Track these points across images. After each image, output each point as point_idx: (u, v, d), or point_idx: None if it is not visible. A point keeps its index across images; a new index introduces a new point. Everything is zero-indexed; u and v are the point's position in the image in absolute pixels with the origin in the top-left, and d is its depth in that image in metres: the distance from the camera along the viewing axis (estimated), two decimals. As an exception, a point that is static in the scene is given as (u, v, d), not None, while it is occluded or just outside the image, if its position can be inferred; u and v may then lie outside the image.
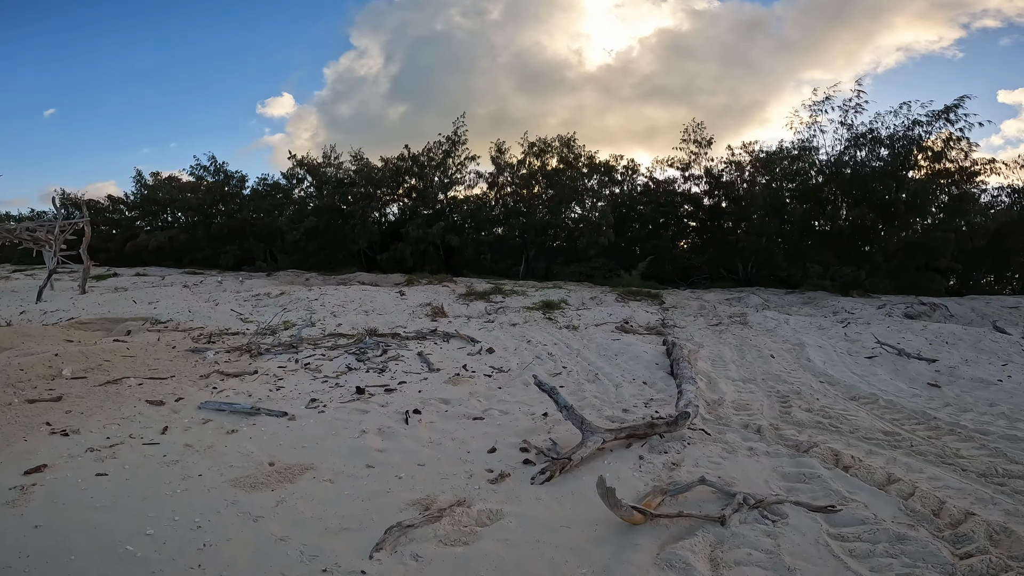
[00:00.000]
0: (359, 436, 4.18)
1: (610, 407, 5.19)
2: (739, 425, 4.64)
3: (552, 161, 20.26)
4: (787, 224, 15.98)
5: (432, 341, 7.46)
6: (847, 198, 14.21)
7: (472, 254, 21.31)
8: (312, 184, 26.29)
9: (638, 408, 5.17)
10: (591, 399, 5.40)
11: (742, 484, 3.46)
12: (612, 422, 4.70)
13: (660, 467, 3.77)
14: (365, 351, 6.70)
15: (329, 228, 22.20)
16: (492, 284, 13.76)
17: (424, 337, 7.66)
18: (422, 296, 11.41)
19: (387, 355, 6.59)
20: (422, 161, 22.16)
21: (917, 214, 13.16)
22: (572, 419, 4.00)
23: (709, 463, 3.83)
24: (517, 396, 5.35)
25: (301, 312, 9.80)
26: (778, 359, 7.32)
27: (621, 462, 3.84)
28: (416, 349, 7.04)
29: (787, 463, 3.77)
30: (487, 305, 10.73)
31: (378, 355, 6.58)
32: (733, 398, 5.59)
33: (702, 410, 5.05)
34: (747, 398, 5.60)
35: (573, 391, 5.63)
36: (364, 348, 6.81)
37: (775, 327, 9.10)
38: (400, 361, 6.43)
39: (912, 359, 7.70)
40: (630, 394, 5.62)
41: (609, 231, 18.41)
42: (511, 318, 9.36)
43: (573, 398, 5.21)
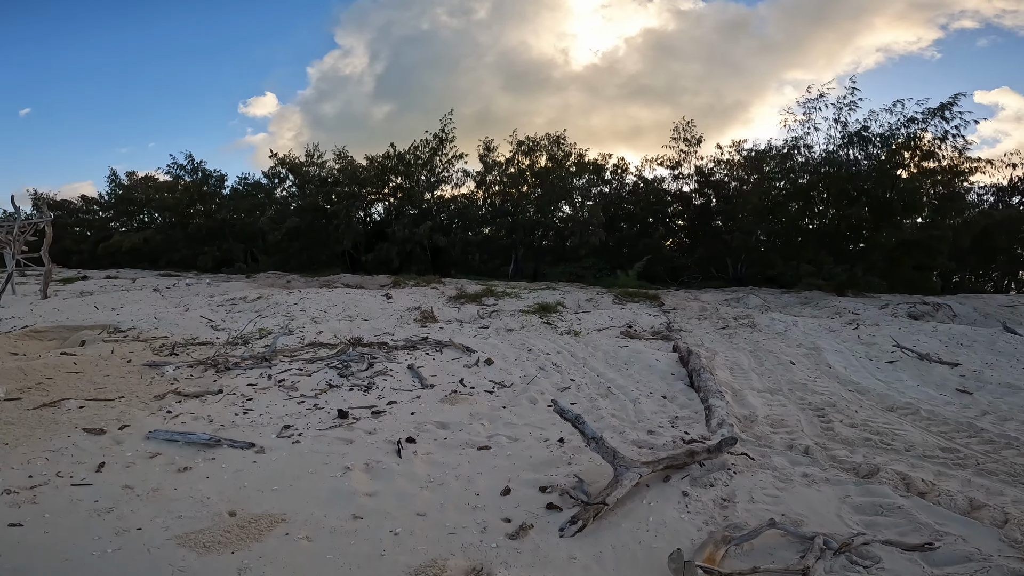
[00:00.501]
0: (342, 475, 3.40)
1: (632, 428, 4.49)
2: (782, 446, 4.04)
3: (541, 159, 19.56)
4: (780, 223, 15.51)
5: (424, 351, 6.67)
6: (843, 196, 13.75)
7: (460, 254, 20.51)
8: (294, 183, 25.26)
9: (664, 429, 4.48)
10: (608, 418, 4.69)
11: (812, 522, 2.90)
12: (640, 448, 4.00)
13: (711, 505, 3.12)
14: (348, 365, 5.89)
15: (312, 228, 21.21)
16: (483, 285, 12.98)
17: (415, 346, 6.87)
18: (410, 299, 10.60)
19: (373, 369, 5.79)
20: (408, 159, 21.29)
21: (911, 212, 12.75)
22: (602, 452, 3.29)
23: (765, 496, 3.22)
24: (525, 417, 4.61)
25: (278, 318, 8.93)
26: (799, 366, 6.71)
27: (663, 501, 3.15)
28: (406, 361, 6.25)
29: (854, 491, 3.25)
30: (479, 308, 9.96)
31: (363, 369, 5.78)
32: (765, 413, 4.96)
33: (736, 428, 4.38)
34: (780, 412, 4.99)
35: (587, 409, 4.91)
36: (347, 361, 6.00)
37: (785, 330, 8.50)
38: (389, 376, 5.64)
39: (934, 363, 7.19)
40: (651, 411, 4.93)
41: (599, 230, 17.77)
42: (507, 323, 8.61)
43: (588, 418, 4.48)
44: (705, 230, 19.57)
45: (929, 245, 12.65)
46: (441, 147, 21.13)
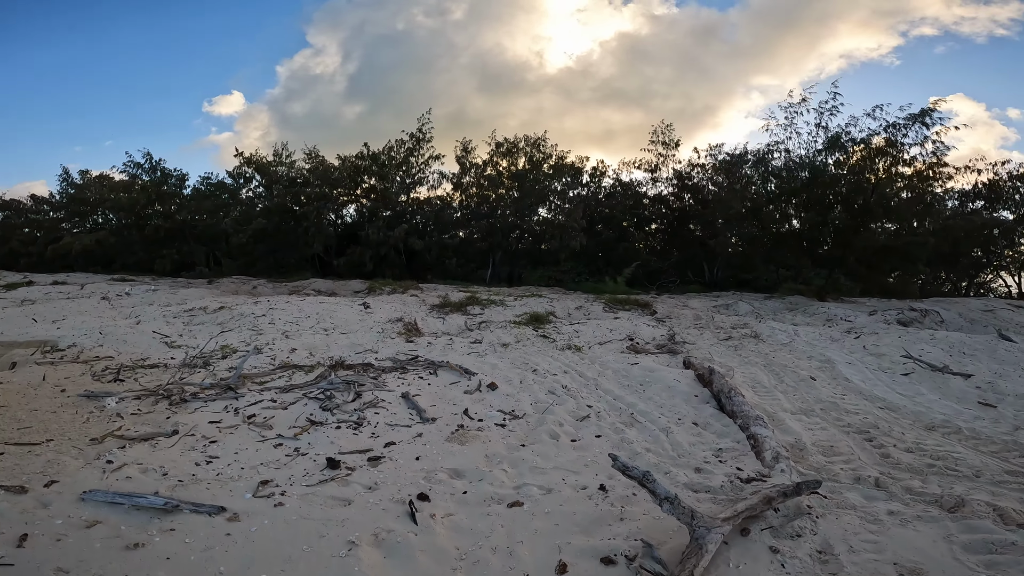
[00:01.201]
0: (347, 553, 2.61)
1: (674, 465, 3.84)
2: (848, 479, 3.64)
3: (520, 161, 18.85)
4: (759, 227, 15.26)
5: (416, 374, 5.83)
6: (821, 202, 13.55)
7: (435, 258, 19.58)
8: (261, 184, 23.82)
9: (712, 465, 3.84)
10: (644, 454, 4.02)
11: (932, 570, 2.54)
12: (695, 492, 3.37)
13: (809, 561, 2.66)
14: (332, 394, 5.01)
15: (280, 230, 19.90)
16: (466, 292, 12.17)
17: (405, 368, 6.03)
18: (389, 309, 9.70)
19: (362, 400, 4.94)
20: (383, 160, 20.22)
21: (890, 219, 12.63)
22: (679, 514, 2.61)
23: (864, 544, 2.75)
24: (551, 458, 3.88)
25: (245, 333, 7.91)
26: (820, 381, 6.22)
27: (752, 562, 2.61)
28: (399, 388, 5.41)
29: (954, 528, 2.93)
30: (466, 319, 9.16)
31: (349, 401, 4.91)
32: (811, 439, 4.48)
33: (792, 462, 3.80)
34: (825, 438, 4.54)
35: (616, 443, 4.23)
36: (330, 390, 5.11)
37: (789, 341, 8.03)
38: (381, 408, 4.80)
39: (947, 374, 6.84)
40: (688, 443, 4.28)
41: (580, 234, 17.19)
42: (499, 336, 7.84)
43: (621, 453, 3.79)
44: (683, 234, 19.29)
45: (908, 251, 12.55)
46: (418, 147, 20.16)
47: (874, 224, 13.32)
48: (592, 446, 4.19)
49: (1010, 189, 17.19)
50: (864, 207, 12.92)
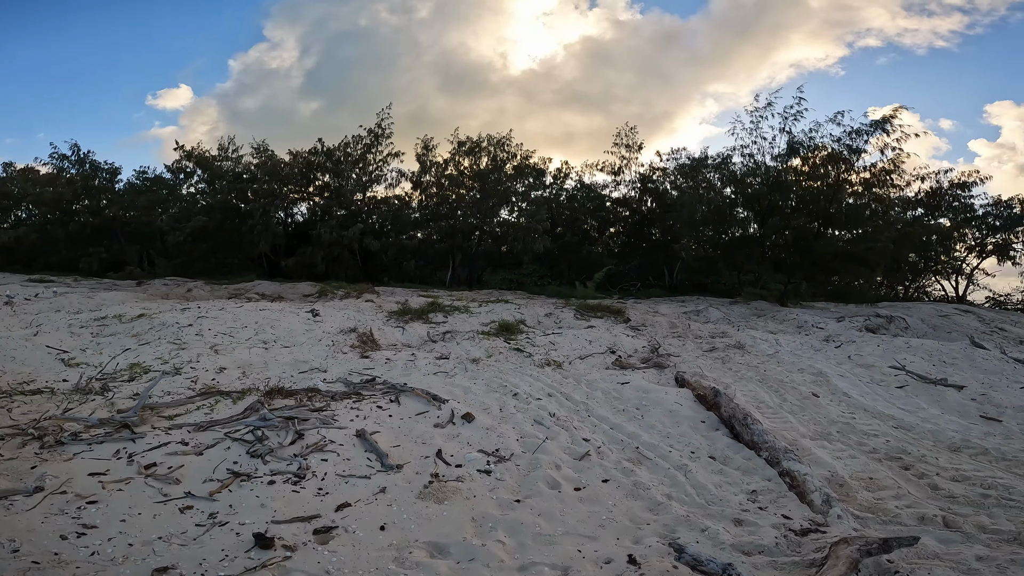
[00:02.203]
0: None
1: (706, 515, 3.06)
2: (911, 518, 3.18)
3: (483, 161, 17.83)
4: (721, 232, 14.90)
5: (373, 402, 4.72)
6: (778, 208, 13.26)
7: (393, 260, 18.27)
8: (203, 179, 21.74)
9: (752, 514, 3.07)
10: (664, 501, 3.20)
11: None
12: (747, 555, 2.68)
13: None
14: (264, 434, 3.83)
15: (222, 229, 18.05)
16: (426, 296, 11.05)
17: (359, 394, 4.90)
18: (342, 316, 8.47)
19: (304, 442, 3.79)
20: (338, 156, 18.68)
21: (852, 225, 12.45)
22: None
23: None
24: (557, 518, 2.95)
25: (164, 347, 6.53)
26: (823, 399, 5.58)
27: None
28: (352, 422, 4.29)
29: None
30: (429, 328, 8.06)
31: (288, 442, 3.75)
32: (845, 470, 3.96)
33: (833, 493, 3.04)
34: (858, 468, 4.03)
35: (629, 490, 3.38)
36: (263, 427, 3.94)
37: (774, 352, 7.40)
38: (330, 451, 3.69)
39: (939, 386, 6.39)
40: (713, 483, 3.48)
41: (544, 236, 16.35)
42: (467, 349, 6.81)
43: (637, 504, 2.89)
44: (644, 237, 18.83)
45: (867, 258, 12.40)
46: (376, 143, 18.74)
47: (834, 231, 13.12)
48: (603, 496, 3.28)
49: (950, 197, 17.66)
50: (825, 213, 12.69)
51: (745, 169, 13.97)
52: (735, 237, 14.57)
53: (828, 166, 12.70)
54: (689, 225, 15.04)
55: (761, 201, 13.27)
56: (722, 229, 15.00)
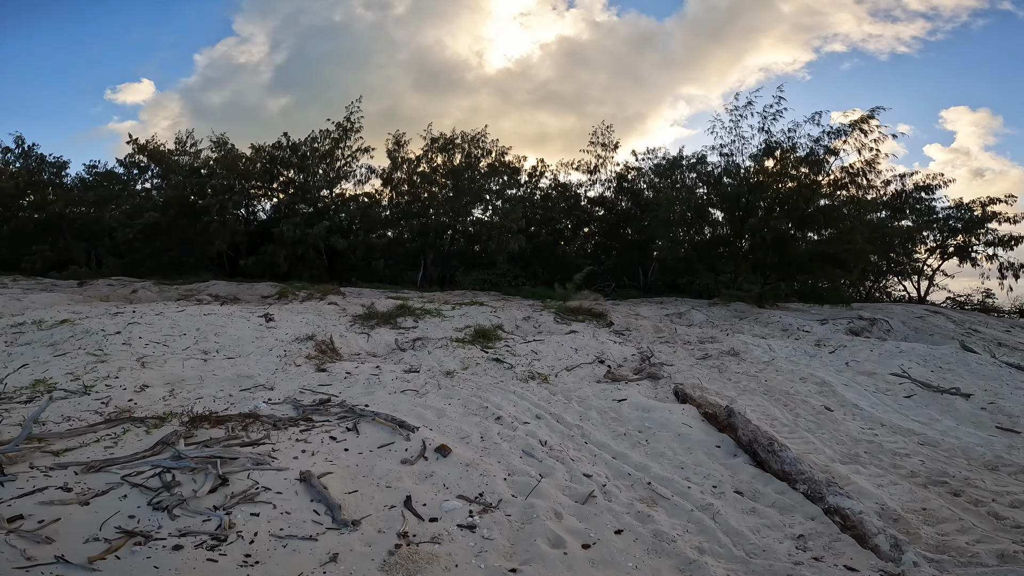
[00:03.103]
0: None
1: (747, 571, 2.44)
2: (991, 558, 2.65)
3: (457, 158, 16.88)
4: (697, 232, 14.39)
5: (326, 430, 3.77)
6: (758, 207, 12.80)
7: (361, 259, 17.13)
8: (157, 175, 20.10)
9: (805, 567, 2.70)
10: (696, 557, 2.41)
11: None
12: None
13: None
14: (174, 477, 2.86)
15: (176, 226, 16.57)
16: (395, 298, 10.07)
17: (309, 419, 3.95)
18: (300, 321, 7.43)
19: (230, 488, 2.82)
20: (304, 151, 17.40)
21: (830, 225, 12.07)
22: None
23: None
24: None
25: (81, 358, 5.41)
26: (838, 414, 4.95)
27: None
28: (297, 460, 3.35)
29: None
30: (397, 335, 7.12)
31: (205, 490, 2.79)
32: (894, 501, 3.43)
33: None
34: (906, 497, 3.38)
35: (650, 545, 2.60)
36: (175, 468, 2.97)
37: (771, 360, 6.76)
38: (263, 502, 2.75)
39: (947, 395, 5.88)
40: (749, 527, 2.79)
41: (519, 236, 15.53)
42: (440, 360, 5.90)
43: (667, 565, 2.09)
44: (619, 237, 18.23)
45: (845, 259, 12.05)
46: (345, 137, 17.52)
47: (811, 232, 12.73)
48: (619, 555, 2.50)
49: (913, 200, 17.64)
50: (802, 214, 12.29)
51: (722, 169, 13.50)
52: (712, 237, 14.07)
53: (805, 166, 12.32)
54: (665, 225, 14.48)
55: (738, 201, 12.78)
56: (698, 229, 14.51)
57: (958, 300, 18.66)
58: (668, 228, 14.47)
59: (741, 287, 14.07)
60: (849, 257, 11.91)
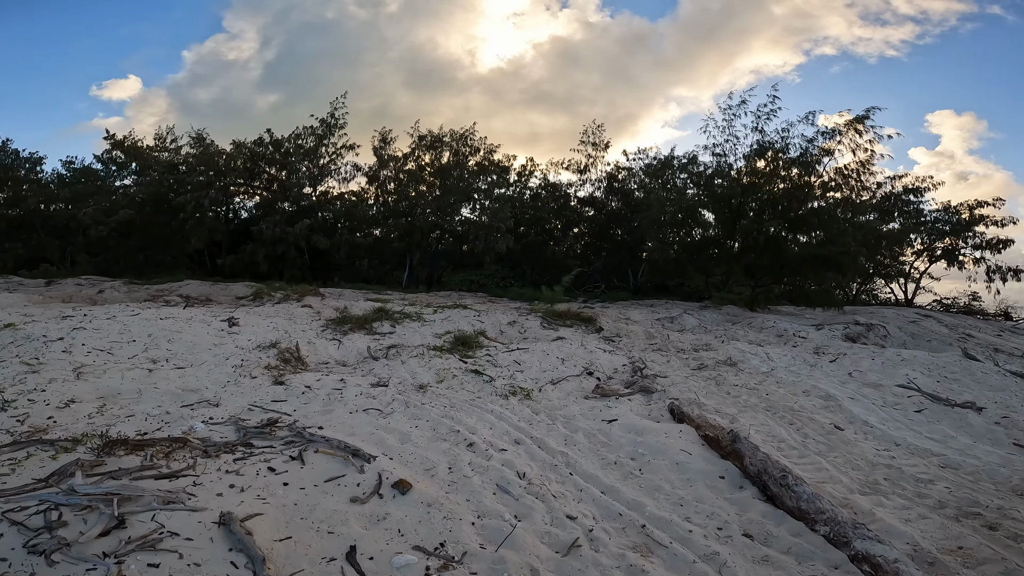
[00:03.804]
0: None
1: None
2: None
3: (445, 156, 16.26)
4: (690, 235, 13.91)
5: (265, 459, 3.17)
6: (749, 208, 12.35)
7: (346, 258, 16.45)
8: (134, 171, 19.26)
9: None
10: None
11: None
12: None
13: None
14: (60, 516, 2.25)
15: (151, 223, 15.78)
16: (375, 301, 9.45)
17: (249, 445, 3.34)
18: (267, 326, 6.80)
19: (127, 531, 2.21)
20: (287, 148, 16.65)
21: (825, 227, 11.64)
22: None
23: None
24: None
25: (12, 368, 4.75)
26: (849, 432, 4.44)
27: None
28: (219, 499, 2.75)
29: None
30: (371, 341, 6.52)
31: (95, 532, 2.17)
32: (927, 540, 2.87)
33: None
34: (938, 535, 2.92)
35: None
36: (62, 504, 2.35)
37: (770, 370, 6.25)
38: (166, 550, 2.15)
39: (958, 408, 5.42)
40: None
41: (507, 236, 14.95)
42: (414, 371, 5.31)
43: None
44: (609, 238, 17.71)
45: (838, 262, 11.62)
46: (329, 134, 16.79)
47: (804, 234, 12.29)
48: None
49: (902, 202, 17.33)
50: (796, 216, 11.84)
51: (714, 169, 13.02)
52: (704, 239, 13.59)
53: (797, 167, 11.88)
54: (656, 225, 13.97)
55: (730, 202, 12.30)
56: (688, 231, 14.03)
57: (944, 303, 18.42)
58: (659, 229, 13.97)
59: (732, 289, 13.63)
60: (843, 260, 11.49)
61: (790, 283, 12.97)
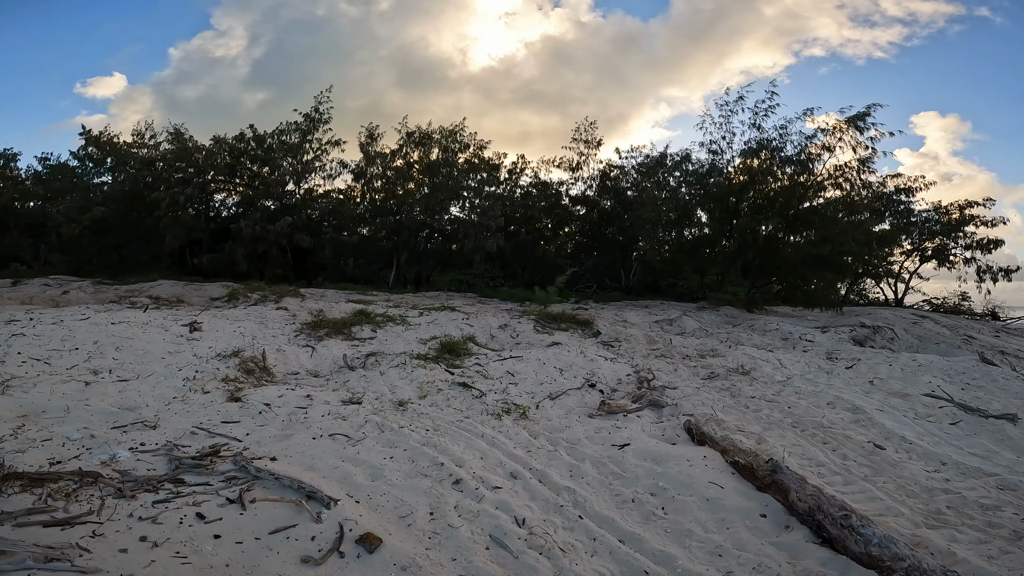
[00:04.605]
0: None
1: None
2: None
3: (433, 153, 15.55)
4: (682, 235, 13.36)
5: (193, 502, 2.47)
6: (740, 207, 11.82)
7: (331, 257, 15.66)
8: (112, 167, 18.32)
9: None
10: None
11: None
12: None
13: None
14: None
15: (126, 221, 14.87)
16: (359, 302, 8.73)
17: (180, 481, 2.64)
18: (233, 332, 6.05)
19: None
20: (270, 144, 15.81)
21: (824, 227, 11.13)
22: None
23: None
24: None
25: (-83, 385, 3.97)
26: (890, 450, 3.82)
27: None
28: (119, 559, 2.05)
29: None
30: (349, 348, 5.81)
31: None
32: None
33: None
34: None
35: None
36: None
37: (786, 378, 5.66)
38: None
39: (993, 418, 4.88)
40: None
41: (498, 235, 14.28)
42: (393, 384, 4.62)
43: None
44: (602, 237, 17.13)
45: (838, 262, 11.14)
46: (313, 129, 15.98)
47: (802, 234, 11.78)
48: None
49: (895, 203, 16.98)
50: (796, 215, 11.33)
51: (709, 166, 12.47)
52: (699, 238, 13.04)
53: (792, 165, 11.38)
54: (651, 225, 13.40)
55: (726, 201, 11.76)
56: (680, 231, 13.48)
57: (934, 303, 18.11)
58: (653, 228, 13.39)
59: (727, 289, 13.12)
60: (842, 260, 11.00)
61: (787, 283, 12.46)
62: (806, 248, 11.37)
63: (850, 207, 11.40)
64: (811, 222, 11.06)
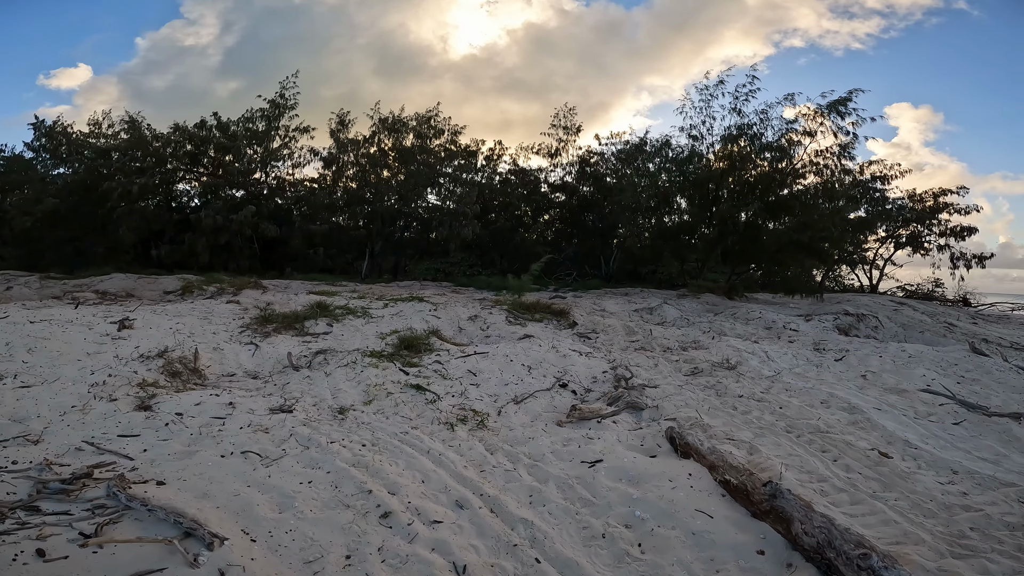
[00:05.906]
0: None
1: None
2: None
3: (408, 140, 14.79)
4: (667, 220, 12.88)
5: (34, 537, 1.84)
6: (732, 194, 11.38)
7: (301, 247, 14.84)
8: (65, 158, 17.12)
9: None
10: None
11: None
12: None
13: None
14: None
15: (79, 213, 13.83)
16: (323, 293, 8.06)
17: (32, 510, 2.01)
18: (168, 329, 5.36)
19: None
20: (234, 131, 14.84)
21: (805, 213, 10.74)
22: None
23: None
24: None
25: None
26: (896, 458, 3.36)
27: None
28: None
29: None
30: (298, 344, 5.17)
31: None
32: None
33: None
34: None
35: None
36: None
37: (775, 374, 5.19)
38: None
39: (996, 416, 4.49)
40: None
41: (473, 222, 13.64)
42: (337, 387, 4.01)
43: None
44: (581, 224, 16.60)
45: (819, 248, 10.78)
46: (278, 116, 15.04)
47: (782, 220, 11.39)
48: None
49: (871, 190, 16.77)
50: (777, 201, 10.92)
51: (689, 152, 11.97)
52: (679, 224, 12.58)
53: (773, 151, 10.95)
54: (630, 212, 12.90)
55: (706, 187, 11.30)
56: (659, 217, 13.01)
57: (908, 289, 18.05)
58: (632, 215, 12.89)
59: (707, 276, 12.73)
60: (821, 246, 10.64)
61: (766, 270, 12.09)
62: (786, 234, 11.00)
63: (829, 194, 11.03)
64: (791, 208, 10.68)
